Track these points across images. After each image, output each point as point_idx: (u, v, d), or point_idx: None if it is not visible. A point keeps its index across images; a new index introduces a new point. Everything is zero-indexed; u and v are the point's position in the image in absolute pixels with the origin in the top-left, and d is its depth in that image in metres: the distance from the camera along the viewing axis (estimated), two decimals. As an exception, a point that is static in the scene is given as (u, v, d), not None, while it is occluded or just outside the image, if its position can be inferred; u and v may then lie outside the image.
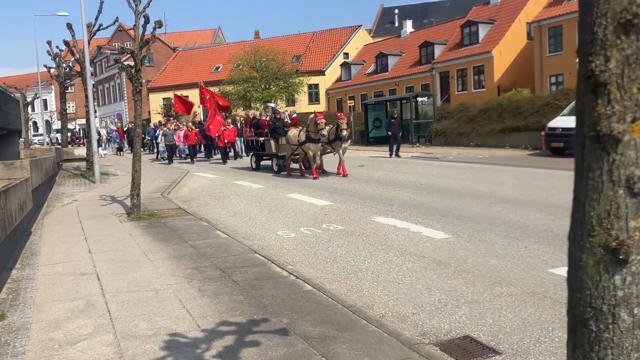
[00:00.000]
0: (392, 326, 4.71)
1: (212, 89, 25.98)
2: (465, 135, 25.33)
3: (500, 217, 9.02)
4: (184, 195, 14.43)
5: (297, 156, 17.00)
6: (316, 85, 49.99)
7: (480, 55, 34.66)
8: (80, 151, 26.23)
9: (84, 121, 31.55)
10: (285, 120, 18.95)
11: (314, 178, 15.61)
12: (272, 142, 18.12)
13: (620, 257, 1.59)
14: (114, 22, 21.03)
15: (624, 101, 1.53)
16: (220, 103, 22.50)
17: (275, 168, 18.48)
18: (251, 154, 20.55)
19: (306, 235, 8.60)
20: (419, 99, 30.72)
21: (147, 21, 11.21)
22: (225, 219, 10.45)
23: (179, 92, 54.24)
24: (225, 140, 23.51)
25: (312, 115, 15.66)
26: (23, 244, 8.69)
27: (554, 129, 18.68)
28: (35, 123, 67.46)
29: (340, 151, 16.06)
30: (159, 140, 28.18)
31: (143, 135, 31.22)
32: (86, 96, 18.86)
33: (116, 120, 63.49)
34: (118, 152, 35.24)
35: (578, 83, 1.63)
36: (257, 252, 7.35)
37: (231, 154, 25.47)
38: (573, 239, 1.66)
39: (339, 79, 49.04)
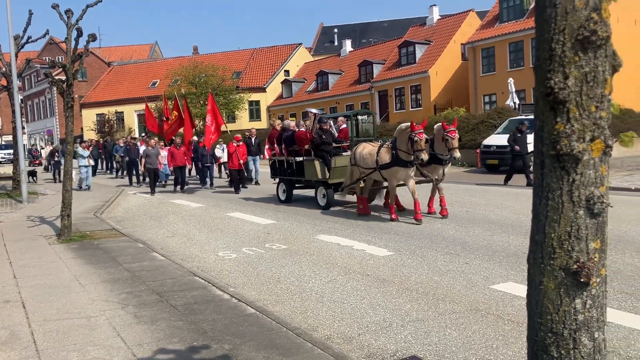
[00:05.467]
0: (338, 348, 4.59)
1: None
2: (404, 152, 25.77)
3: (440, 234, 9.13)
4: (118, 215, 13.85)
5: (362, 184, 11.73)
6: (257, 102, 49.79)
7: (417, 74, 35.60)
8: (6, 169, 24.69)
9: (10, 137, 29.74)
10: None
11: (393, 219, 10.66)
12: (318, 164, 12.68)
13: (581, 279, 1.53)
14: (44, 35, 20.12)
15: (582, 119, 1.49)
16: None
17: (323, 202, 12.87)
18: (278, 180, 14.72)
19: (248, 256, 8.38)
20: (359, 117, 31.07)
21: (80, 34, 10.78)
22: (162, 240, 10.07)
23: (113, 109, 52.76)
24: (240, 161, 17.63)
25: (403, 126, 10.45)
26: (-61, 270, 8.01)
27: (489, 146, 19.32)
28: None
29: (437, 178, 11.06)
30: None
31: (115, 155, 28.23)
32: (13, 111, 17.92)
33: (46, 137, 60.96)
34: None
35: (536, 100, 1.58)
36: (196, 274, 7.08)
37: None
38: (533, 261, 1.61)
39: (280, 96, 49.08)
